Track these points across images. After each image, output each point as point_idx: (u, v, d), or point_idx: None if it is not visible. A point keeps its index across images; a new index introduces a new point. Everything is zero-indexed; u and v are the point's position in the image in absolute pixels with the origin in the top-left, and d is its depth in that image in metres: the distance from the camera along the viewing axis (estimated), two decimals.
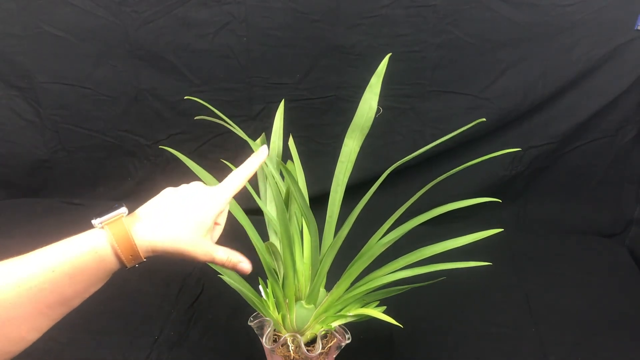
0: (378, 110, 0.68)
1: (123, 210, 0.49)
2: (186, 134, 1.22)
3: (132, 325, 0.91)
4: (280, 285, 0.71)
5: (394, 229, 0.72)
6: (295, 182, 0.65)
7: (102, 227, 0.48)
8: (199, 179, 0.73)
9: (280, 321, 0.72)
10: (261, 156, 0.59)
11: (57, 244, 0.47)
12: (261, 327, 0.72)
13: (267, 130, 0.79)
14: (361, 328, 0.76)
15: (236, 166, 0.76)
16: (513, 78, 1.09)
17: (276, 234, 0.75)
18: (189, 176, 1.30)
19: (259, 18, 1.08)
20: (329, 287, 0.74)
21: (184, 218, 0.50)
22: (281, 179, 0.75)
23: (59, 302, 0.46)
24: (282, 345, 0.71)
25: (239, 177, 0.56)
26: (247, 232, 0.72)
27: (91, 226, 0.49)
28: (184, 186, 0.54)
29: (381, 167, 0.74)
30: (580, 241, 1.18)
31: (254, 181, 0.77)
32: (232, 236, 1.18)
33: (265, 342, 0.69)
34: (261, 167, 0.78)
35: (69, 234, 0.49)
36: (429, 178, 0.65)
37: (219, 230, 0.57)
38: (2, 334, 0.43)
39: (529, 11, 1.03)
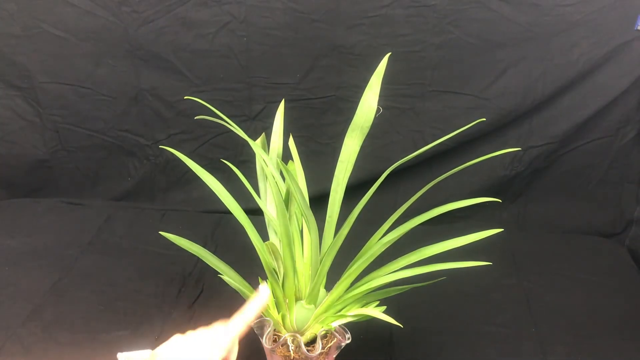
0: (378, 110, 0.68)
1: (148, 352, 0.54)
2: (186, 134, 1.22)
3: (132, 325, 0.91)
4: (280, 285, 0.71)
5: (394, 229, 0.72)
6: (295, 182, 0.65)
7: None
8: (199, 179, 0.74)
9: (280, 321, 0.72)
10: (262, 299, 0.62)
11: None
12: (261, 327, 0.72)
13: (267, 130, 0.79)
14: (361, 328, 0.76)
15: (236, 166, 0.77)
16: (513, 78, 1.09)
17: (276, 234, 0.75)
18: (188, 176, 1.30)
19: (259, 18, 1.08)
20: (329, 287, 0.74)
21: None
22: (281, 179, 0.75)
23: None
24: (282, 345, 0.71)
25: (241, 322, 0.60)
26: (247, 232, 0.72)
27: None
28: (190, 333, 0.59)
29: (381, 167, 0.74)
30: (580, 241, 1.18)
31: (254, 181, 0.77)
32: (233, 236, 1.18)
33: (265, 342, 0.69)
34: (261, 167, 0.78)
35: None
36: (429, 178, 0.66)
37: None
38: None
39: (529, 11, 1.03)
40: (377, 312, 0.69)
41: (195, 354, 0.56)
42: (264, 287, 0.63)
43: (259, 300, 0.62)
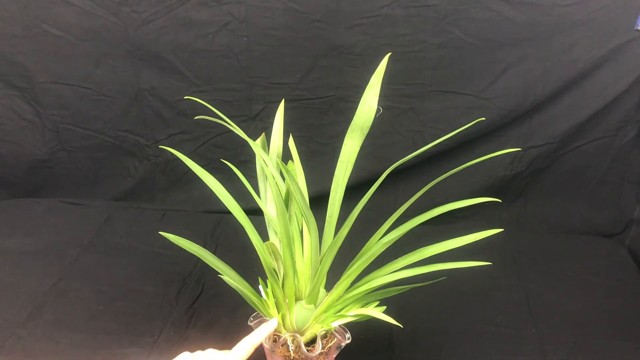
0: (378, 110, 0.68)
1: None
2: (186, 134, 1.22)
3: (132, 325, 0.91)
4: (280, 285, 0.71)
5: (394, 229, 0.72)
6: (295, 182, 0.65)
7: None
8: (199, 179, 0.74)
9: (280, 321, 0.72)
10: (271, 326, 0.66)
11: None
12: None
13: (267, 130, 0.79)
14: (361, 328, 0.76)
15: (236, 166, 0.77)
16: (513, 78, 1.09)
17: (276, 234, 0.75)
18: (188, 176, 1.30)
19: (259, 18, 1.08)
20: (329, 287, 0.74)
21: None
22: (281, 179, 0.75)
23: None
24: (282, 345, 0.71)
25: (248, 344, 0.62)
26: (247, 232, 0.72)
27: None
28: (199, 353, 0.60)
29: (381, 167, 0.74)
30: (580, 241, 1.18)
31: (254, 181, 0.77)
32: (233, 236, 1.18)
33: (265, 342, 0.69)
34: (261, 167, 0.78)
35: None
36: (429, 178, 0.66)
37: None
38: None
39: (529, 11, 1.03)
40: (377, 312, 0.69)
41: None
42: (275, 319, 0.67)
43: (267, 327, 0.65)
